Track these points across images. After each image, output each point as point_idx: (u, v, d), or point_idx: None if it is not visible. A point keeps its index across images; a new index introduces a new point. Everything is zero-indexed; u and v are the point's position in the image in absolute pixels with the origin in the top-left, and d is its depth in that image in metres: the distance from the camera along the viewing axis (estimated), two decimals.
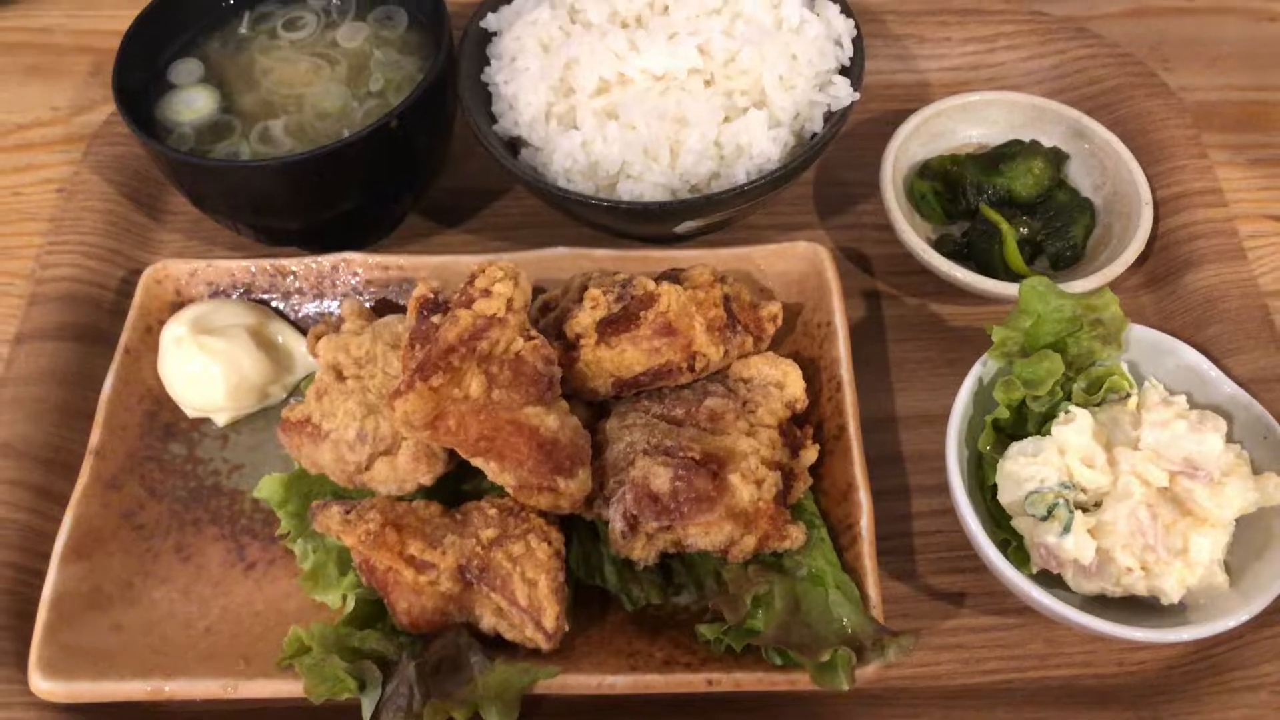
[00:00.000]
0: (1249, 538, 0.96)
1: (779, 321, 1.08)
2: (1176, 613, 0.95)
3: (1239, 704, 0.96)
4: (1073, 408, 0.98)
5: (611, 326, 1.01)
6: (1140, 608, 0.96)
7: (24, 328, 1.22)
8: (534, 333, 0.96)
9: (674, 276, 1.07)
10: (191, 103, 1.20)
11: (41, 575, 1.02)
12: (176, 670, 0.95)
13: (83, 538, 1.02)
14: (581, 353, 1.00)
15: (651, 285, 1.02)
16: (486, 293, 0.93)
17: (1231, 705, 0.96)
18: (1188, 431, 0.93)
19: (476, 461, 0.95)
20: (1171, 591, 0.93)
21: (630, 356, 1.01)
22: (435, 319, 0.95)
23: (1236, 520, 0.95)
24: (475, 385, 0.92)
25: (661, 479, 0.94)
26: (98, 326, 1.23)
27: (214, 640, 0.99)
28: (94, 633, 0.98)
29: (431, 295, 0.98)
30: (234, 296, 1.18)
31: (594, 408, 1.05)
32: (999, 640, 1.02)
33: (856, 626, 0.92)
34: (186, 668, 0.95)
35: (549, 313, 1.07)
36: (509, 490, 0.96)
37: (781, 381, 1.03)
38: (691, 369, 1.03)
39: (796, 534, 0.96)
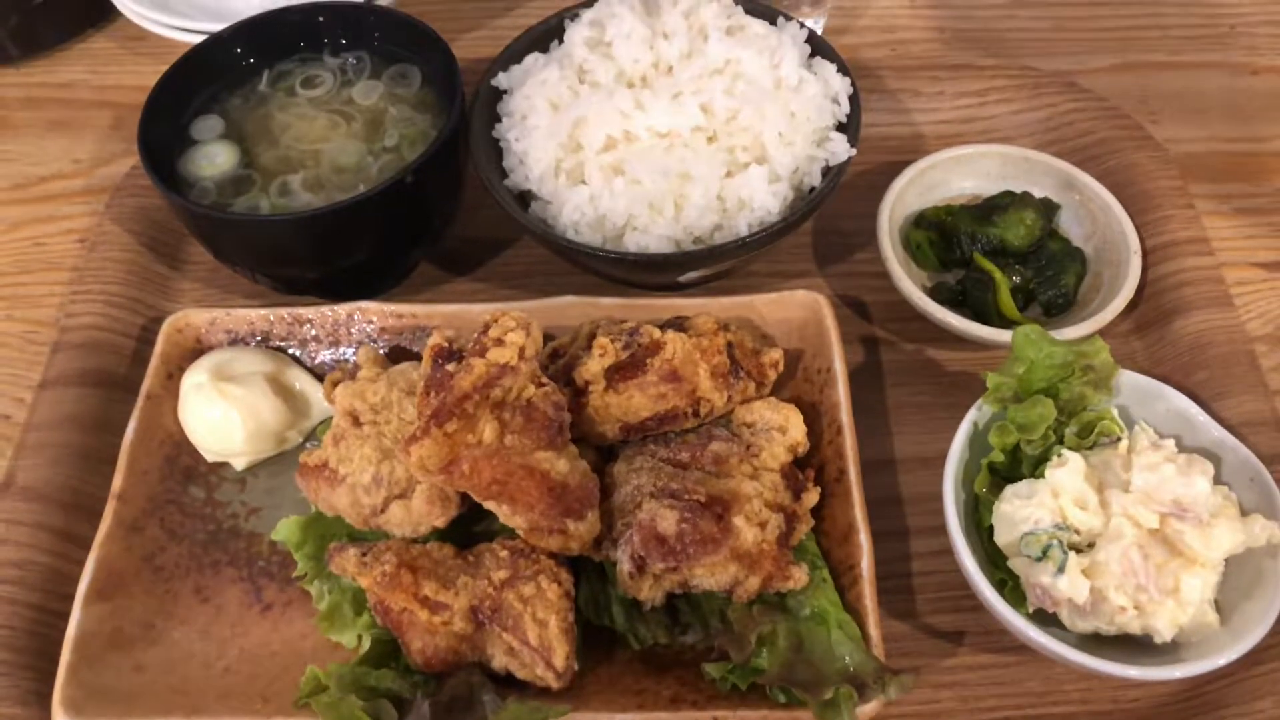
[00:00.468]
0: (1238, 577, 0.99)
1: (780, 367, 1.12)
2: (1169, 651, 0.97)
3: None
4: (1065, 451, 1.01)
5: (619, 373, 1.04)
6: (1134, 646, 0.99)
7: (47, 374, 1.25)
8: (545, 379, 1.00)
9: (679, 325, 1.11)
10: (213, 158, 1.25)
11: (62, 616, 1.04)
12: (197, 709, 0.97)
13: (106, 579, 1.05)
14: (590, 398, 1.04)
15: (657, 333, 1.06)
16: (500, 342, 0.97)
17: None
18: (1176, 475, 0.96)
19: (489, 505, 0.98)
20: (1164, 630, 0.95)
21: (637, 402, 1.04)
22: (450, 367, 0.99)
23: (1226, 560, 0.98)
24: (488, 431, 0.95)
25: (668, 521, 0.98)
26: (119, 373, 1.26)
27: (232, 680, 1.02)
28: (116, 673, 1.00)
29: (446, 344, 1.01)
30: (252, 344, 1.21)
31: (601, 452, 1.09)
32: (997, 678, 1.05)
33: (858, 665, 0.95)
34: (206, 707, 0.98)
35: (558, 359, 1.11)
36: (520, 532, 0.99)
37: (784, 426, 1.07)
38: (696, 414, 1.07)
39: (799, 575, 0.99)
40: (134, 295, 1.34)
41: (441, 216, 1.27)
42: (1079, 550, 0.99)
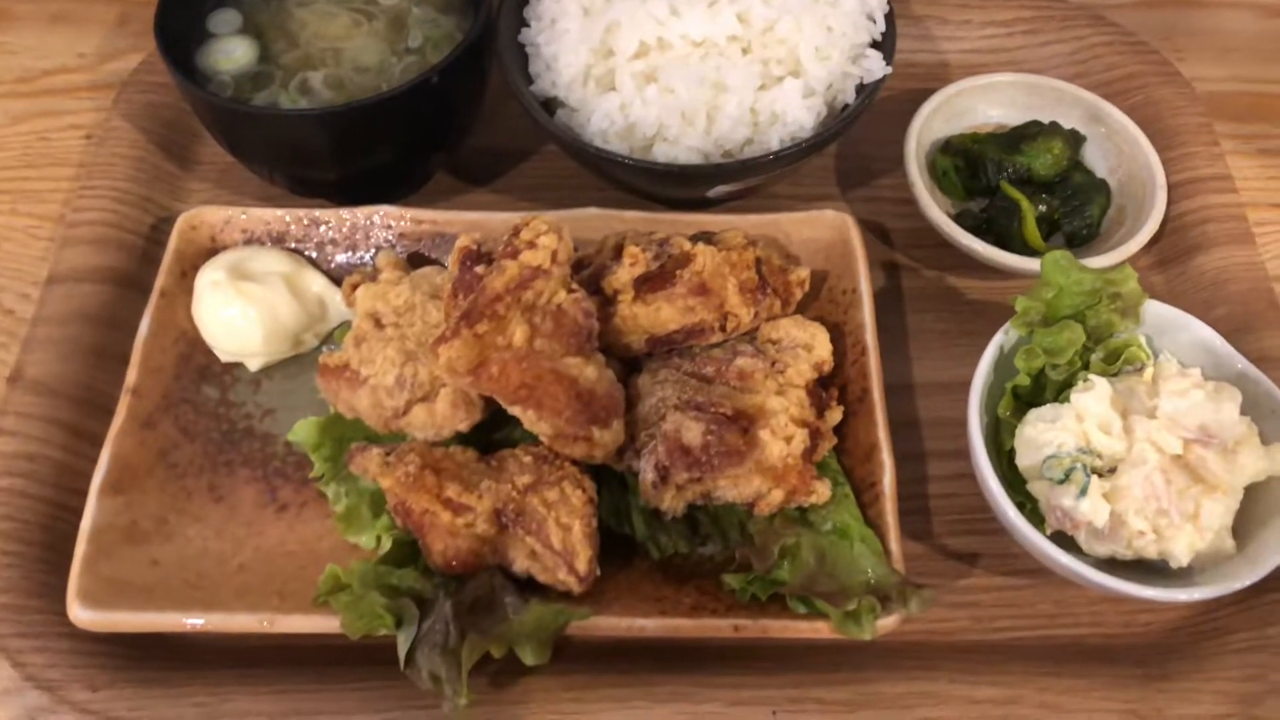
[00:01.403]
0: (1256, 506, 0.99)
1: (806, 286, 1.11)
2: (1184, 576, 0.98)
3: (1241, 664, 1.00)
4: (1092, 376, 1.01)
5: (648, 284, 1.03)
6: (1149, 570, 1.00)
7: (56, 269, 1.23)
8: (575, 286, 0.99)
9: (708, 238, 1.09)
10: (231, 52, 1.21)
11: (73, 511, 1.04)
12: (212, 604, 0.97)
13: (120, 473, 1.03)
14: (618, 308, 1.03)
15: (688, 245, 1.04)
16: (531, 245, 0.95)
17: (1233, 665, 1.00)
18: (1205, 401, 0.97)
19: (514, 410, 0.97)
20: (1181, 555, 0.96)
21: (665, 314, 1.03)
22: (479, 269, 0.97)
23: (1245, 489, 0.99)
24: (519, 334, 0.94)
25: (693, 432, 0.97)
26: (129, 271, 1.24)
27: (248, 577, 1.01)
28: (131, 566, 0.99)
29: (475, 246, 1.00)
30: (268, 244, 1.19)
31: (626, 363, 1.08)
32: (1010, 599, 1.06)
33: (881, 578, 0.95)
34: (222, 602, 0.97)
35: (582, 269, 1.09)
36: (544, 439, 0.99)
37: (809, 344, 1.06)
38: (723, 329, 1.06)
39: (823, 489, 0.99)
40: (143, 193, 1.31)
41: (464, 122, 1.25)
42: (1100, 475, 0.99)
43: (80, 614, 0.95)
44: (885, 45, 1.20)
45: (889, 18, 1.21)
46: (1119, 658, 1.02)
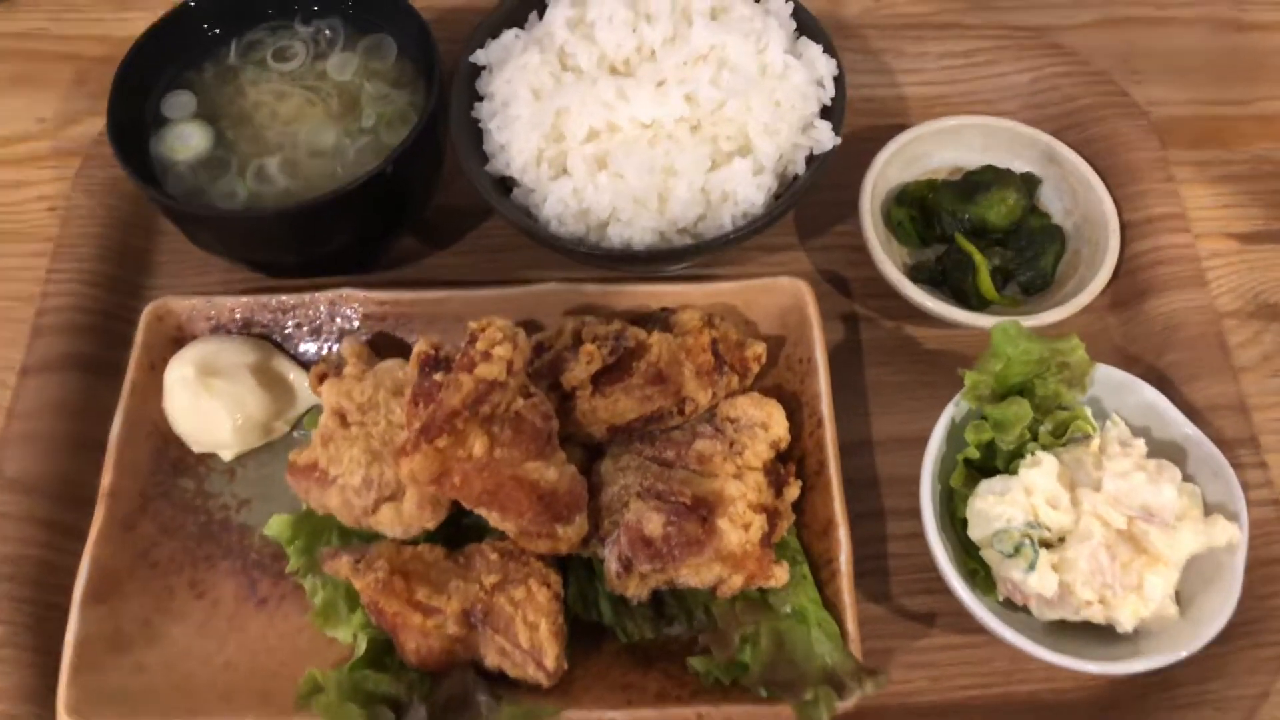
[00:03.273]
0: (1199, 570, 1.03)
1: (763, 360, 1.14)
2: (1131, 638, 1.02)
3: (1187, 719, 1.04)
4: (1040, 452, 1.04)
5: (605, 376, 1.06)
6: (1097, 632, 1.04)
7: (28, 360, 1.25)
8: (533, 390, 1.01)
9: (663, 320, 1.12)
10: (187, 139, 1.22)
11: (58, 609, 1.07)
12: (199, 708, 1.01)
13: (102, 580, 1.06)
14: (577, 403, 1.05)
15: (643, 336, 1.07)
16: (486, 355, 0.98)
17: None
18: (1146, 482, 1.00)
19: (479, 511, 1.00)
20: (1126, 622, 1.00)
21: (623, 405, 1.06)
22: (438, 377, 1.00)
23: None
24: (478, 446, 0.97)
25: (654, 524, 1.00)
26: (101, 355, 1.26)
27: (232, 676, 1.05)
28: (118, 674, 1.03)
29: (432, 352, 1.02)
30: (234, 331, 1.21)
31: (589, 449, 1.11)
32: (967, 658, 1.10)
33: (837, 663, 0.99)
34: (208, 706, 1.01)
35: (543, 353, 1.12)
36: (510, 536, 1.02)
37: (766, 422, 1.09)
38: (681, 412, 1.08)
39: (780, 574, 1.02)
40: (111, 272, 1.33)
41: (422, 199, 1.26)
42: (1049, 545, 1.03)
43: None
44: (835, 113, 1.20)
45: (839, 82, 1.21)
46: (1071, 713, 1.07)
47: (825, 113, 1.21)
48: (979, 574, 1.07)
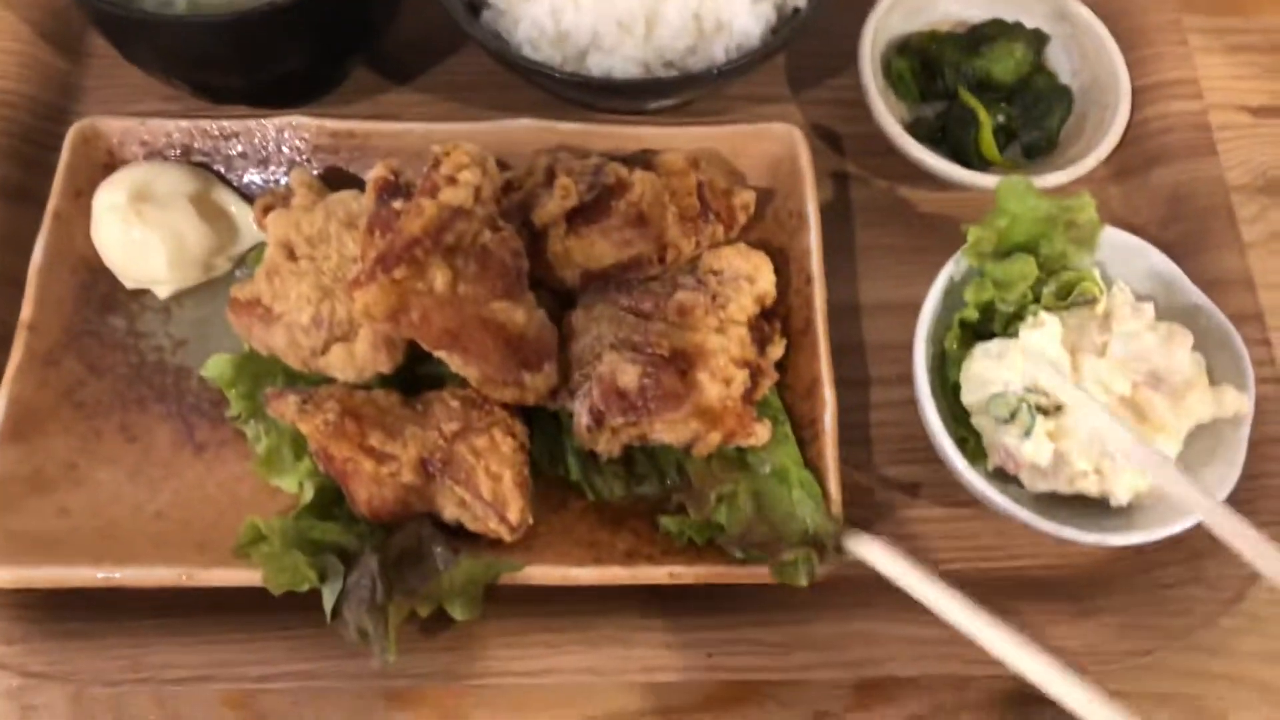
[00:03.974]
0: (1200, 443, 0.98)
1: (751, 210, 1.06)
2: (1124, 512, 0.98)
3: (1174, 597, 1.00)
4: (1043, 313, 0.98)
5: (581, 216, 0.97)
6: (1088, 504, 0.99)
7: None
8: (501, 224, 0.92)
9: (645, 160, 1.02)
10: None
11: None
12: (128, 556, 0.93)
13: (21, 418, 0.97)
14: (549, 243, 0.96)
15: (624, 173, 0.98)
16: (452, 180, 0.88)
17: (1166, 599, 1.00)
18: (1157, 344, 0.94)
19: (439, 354, 0.92)
20: (1122, 495, 0.95)
21: (600, 249, 0.97)
22: (396, 204, 0.90)
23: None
24: (440, 279, 0.88)
25: (629, 375, 0.93)
26: (20, 183, 1.14)
27: (165, 525, 0.97)
28: (39, 516, 0.95)
29: (391, 177, 0.92)
30: (171, 159, 1.10)
31: (560, 296, 1.02)
32: (952, 532, 1.05)
33: (818, 526, 0.93)
34: (138, 554, 0.93)
35: (512, 193, 1.02)
36: (472, 383, 0.94)
37: (753, 275, 1.01)
38: (662, 260, 1.00)
39: (762, 431, 0.95)
40: (31, 93, 1.20)
41: (380, 20, 1.14)
42: (1045, 413, 0.97)
43: None
44: None
45: None
46: (1057, 590, 1.02)
47: None
48: (968, 442, 1.01)
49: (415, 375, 1.01)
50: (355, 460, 0.91)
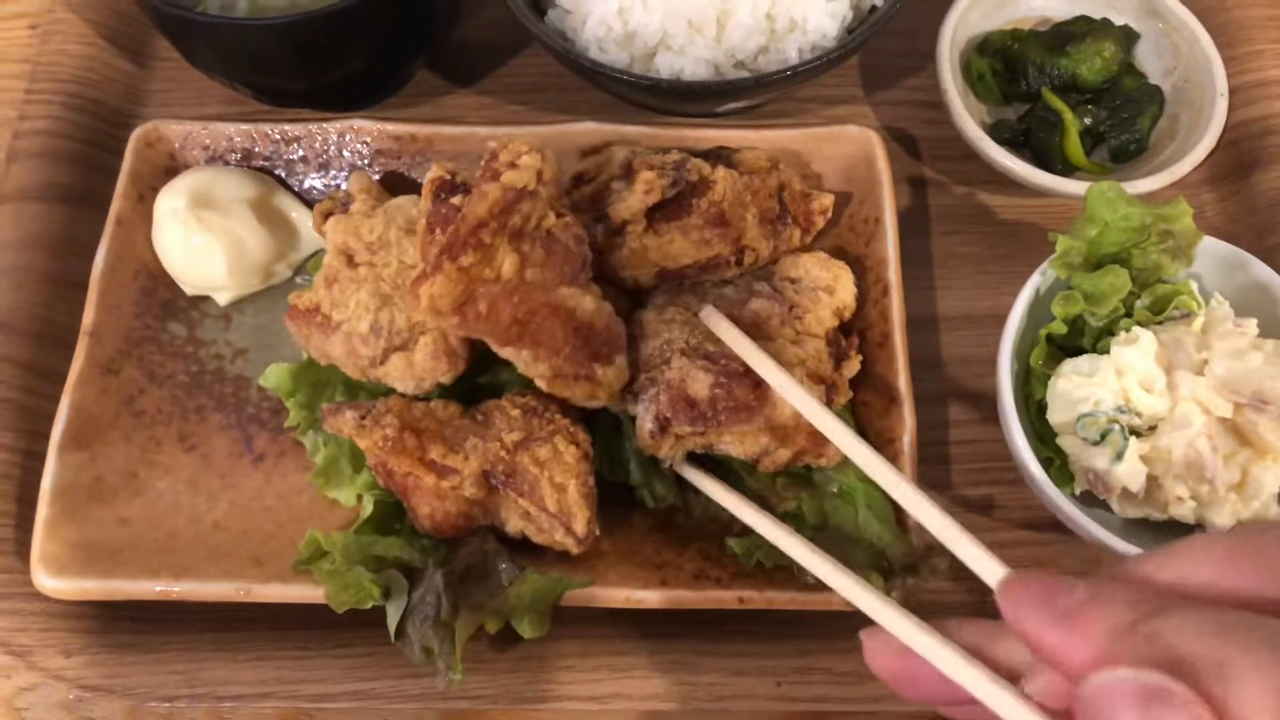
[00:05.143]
0: None
1: (829, 215, 1.01)
2: None
3: None
4: (1136, 328, 0.92)
5: (661, 213, 0.93)
6: (1181, 530, 0.93)
7: (4, 187, 1.13)
8: (563, 210, 0.89)
9: (726, 157, 0.99)
10: None
11: (38, 457, 0.97)
12: (186, 569, 0.91)
13: (82, 425, 0.96)
14: (627, 239, 0.93)
15: (707, 170, 0.94)
16: (513, 165, 0.85)
17: None
18: (1264, 364, 0.88)
19: (506, 352, 0.88)
20: (1222, 524, 0.90)
21: (679, 247, 0.94)
22: (456, 200, 0.87)
23: None
24: (508, 264, 0.84)
25: (700, 384, 0.89)
26: (83, 186, 1.14)
27: (223, 537, 0.95)
28: (98, 527, 0.93)
29: (449, 176, 0.89)
30: (232, 163, 1.08)
31: (628, 295, 0.98)
32: (1033, 557, 1.00)
33: (887, 546, 0.89)
34: (196, 567, 0.91)
35: (583, 185, 0.99)
36: (541, 383, 0.90)
37: (832, 286, 0.96)
38: (739, 263, 0.96)
39: (833, 452, 0.91)
40: (95, 96, 1.20)
41: (444, 22, 1.12)
42: (1138, 434, 0.92)
43: (45, 582, 0.90)
44: None
45: None
46: None
47: None
48: (1053, 464, 0.96)
49: (476, 386, 0.98)
50: (416, 475, 0.88)
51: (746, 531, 0.91)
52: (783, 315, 0.94)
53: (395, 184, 1.09)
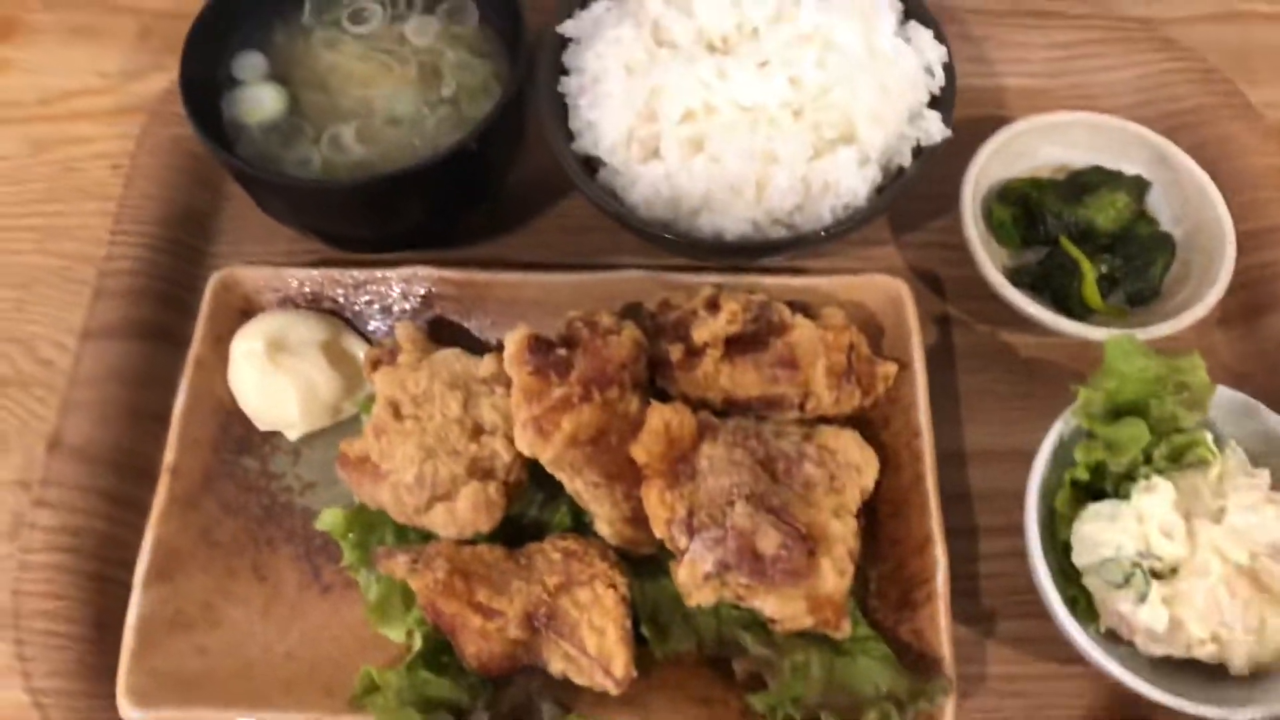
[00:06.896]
0: None
1: (890, 383, 1.08)
2: (1244, 681, 0.96)
3: None
4: (1155, 477, 0.98)
5: (738, 345, 1.01)
6: (1207, 671, 0.98)
7: (89, 324, 1.21)
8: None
9: (805, 309, 1.06)
10: (260, 102, 1.17)
11: (120, 584, 1.04)
12: (260, 699, 0.97)
13: (164, 559, 1.03)
14: (703, 361, 1.00)
15: (788, 314, 1.02)
16: (614, 331, 0.95)
17: None
18: (1277, 519, 0.93)
19: (596, 492, 0.97)
20: (1241, 665, 0.94)
21: (749, 378, 1.01)
22: (561, 351, 0.96)
23: None
24: (635, 405, 0.94)
25: (770, 540, 0.93)
26: (164, 323, 1.22)
27: (295, 667, 1.01)
28: (178, 657, 0.99)
29: (536, 337, 0.97)
30: (302, 305, 1.16)
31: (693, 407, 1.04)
32: (1063, 690, 1.04)
33: (891, 685, 0.94)
34: (270, 697, 0.97)
35: (669, 311, 1.06)
36: (617, 525, 0.98)
37: (861, 468, 1.01)
38: (802, 407, 1.03)
39: (846, 628, 0.96)
40: (174, 236, 1.28)
41: (501, 175, 1.20)
42: (1160, 576, 0.97)
43: (131, 713, 0.95)
44: (944, 102, 1.13)
45: (948, 70, 1.14)
46: None
47: (933, 102, 1.14)
48: (1079, 602, 1.01)
49: (519, 526, 1.05)
50: (463, 616, 0.94)
51: (751, 679, 0.96)
52: (826, 485, 0.99)
53: (442, 328, 1.16)
